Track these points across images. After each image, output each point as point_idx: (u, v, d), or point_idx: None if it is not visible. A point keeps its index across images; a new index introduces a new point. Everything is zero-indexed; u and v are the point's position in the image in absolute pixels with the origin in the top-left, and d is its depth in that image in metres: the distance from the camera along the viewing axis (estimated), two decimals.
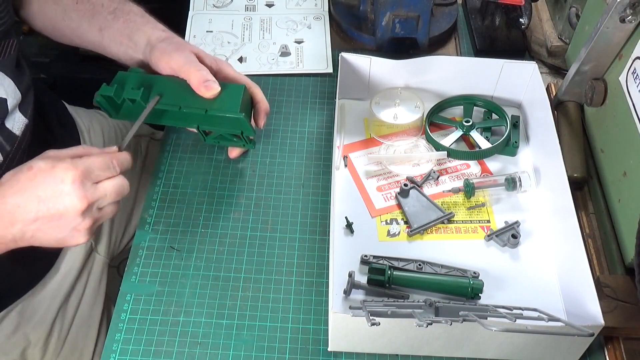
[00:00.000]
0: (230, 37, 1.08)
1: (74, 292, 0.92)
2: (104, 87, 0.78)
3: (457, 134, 0.91)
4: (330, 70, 1.02)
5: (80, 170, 0.65)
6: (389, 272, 0.76)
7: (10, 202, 0.64)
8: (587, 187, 0.86)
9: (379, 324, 0.62)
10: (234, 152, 0.89)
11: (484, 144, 0.90)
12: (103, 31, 0.84)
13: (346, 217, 0.83)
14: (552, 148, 0.82)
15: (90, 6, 0.85)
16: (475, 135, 0.91)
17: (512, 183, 0.85)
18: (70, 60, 1.51)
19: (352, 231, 0.82)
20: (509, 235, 0.81)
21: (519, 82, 0.93)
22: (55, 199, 0.64)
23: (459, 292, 0.75)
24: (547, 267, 0.79)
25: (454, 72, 0.93)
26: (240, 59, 1.04)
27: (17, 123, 0.80)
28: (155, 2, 0.89)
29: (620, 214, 0.79)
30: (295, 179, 0.89)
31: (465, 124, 0.91)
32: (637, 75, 0.75)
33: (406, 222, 0.83)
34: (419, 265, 0.78)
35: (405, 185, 0.85)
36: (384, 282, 0.75)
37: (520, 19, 1.05)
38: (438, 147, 0.90)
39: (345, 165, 0.89)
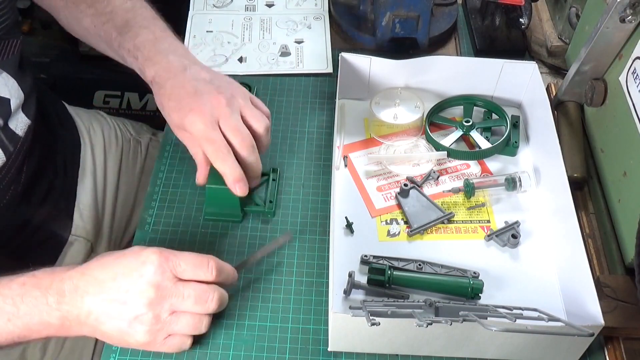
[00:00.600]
0: (230, 37, 1.08)
1: None
2: None
3: (457, 134, 0.91)
4: (330, 70, 1.02)
5: (165, 256, 0.63)
6: (389, 272, 0.76)
7: (90, 274, 0.63)
8: (587, 187, 0.86)
9: (379, 324, 0.62)
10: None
11: (484, 144, 0.90)
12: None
13: (346, 217, 0.83)
14: (552, 148, 0.82)
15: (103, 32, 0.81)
16: (475, 135, 0.91)
17: (512, 183, 0.85)
18: (70, 60, 1.51)
19: (352, 231, 0.82)
20: (509, 235, 0.81)
21: (519, 82, 0.93)
22: (128, 279, 0.62)
23: (459, 292, 0.75)
24: (547, 267, 0.79)
25: (454, 72, 0.93)
26: (240, 59, 1.04)
27: (20, 124, 0.80)
28: (155, 2, 0.88)
29: (620, 214, 0.78)
30: (295, 179, 0.89)
31: (465, 124, 0.91)
32: (637, 75, 0.75)
33: (406, 222, 0.83)
34: (419, 265, 0.78)
35: (405, 185, 0.85)
36: (384, 282, 0.75)
37: (520, 19, 1.05)
38: (438, 147, 0.90)
39: (345, 165, 0.89)
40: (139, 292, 0.61)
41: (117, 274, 0.62)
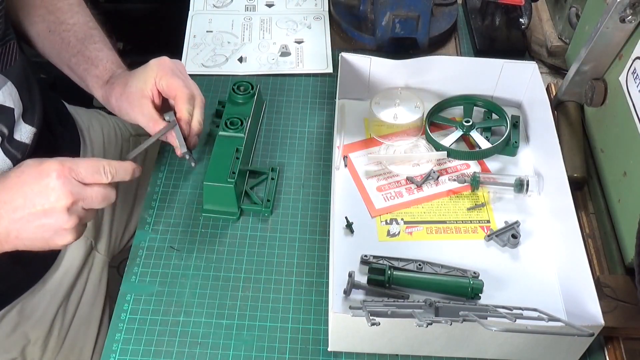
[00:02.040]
0: (230, 37, 1.08)
1: (74, 291, 0.92)
2: None
3: (457, 134, 0.91)
4: (330, 70, 1.02)
5: (67, 167, 0.65)
6: (389, 272, 0.76)
7: None
8: (587, 187, 0.86)
9: (379, 324, 0.62)
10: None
11: (484, 144, 0.90)
12: (72, 69, 0.86)
13: (346, 217, 0.83)
14: (552, 148, 0.82)
15: (59, 39, 0.86)
16: (475, 135, 0.91)
17: (519, 185, 0.84)
18: None
19: (352, 231, 0.82)
20: (509, 235, 0.81)
21: (519, 82, 0.93)
22: (41, 194, 0.64)
23: (459, 292, 0.75)
24: (547, 267, 0.79)
25: (454, 72, 0.93)
26: (240, 59, 1.04)
27: (24, 133, 0.80)
28: (155, 2, 0.89)
29: (620, 214, 0.78)
30: (295, 179, 0.89)
31: (465, 124, 0.91)
32: (637, 75, 0.75)
33: (407, 222, 0.83)
34: (419, 265, 0.78)
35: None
36: (384, 282, 0.75)
37: (520, 19, 1.05)
38: (438, 147, 0.90)
39: (345, 165, 0.89)
40: (55, 202, 0.64)
41: (26, 193, 0.65)
